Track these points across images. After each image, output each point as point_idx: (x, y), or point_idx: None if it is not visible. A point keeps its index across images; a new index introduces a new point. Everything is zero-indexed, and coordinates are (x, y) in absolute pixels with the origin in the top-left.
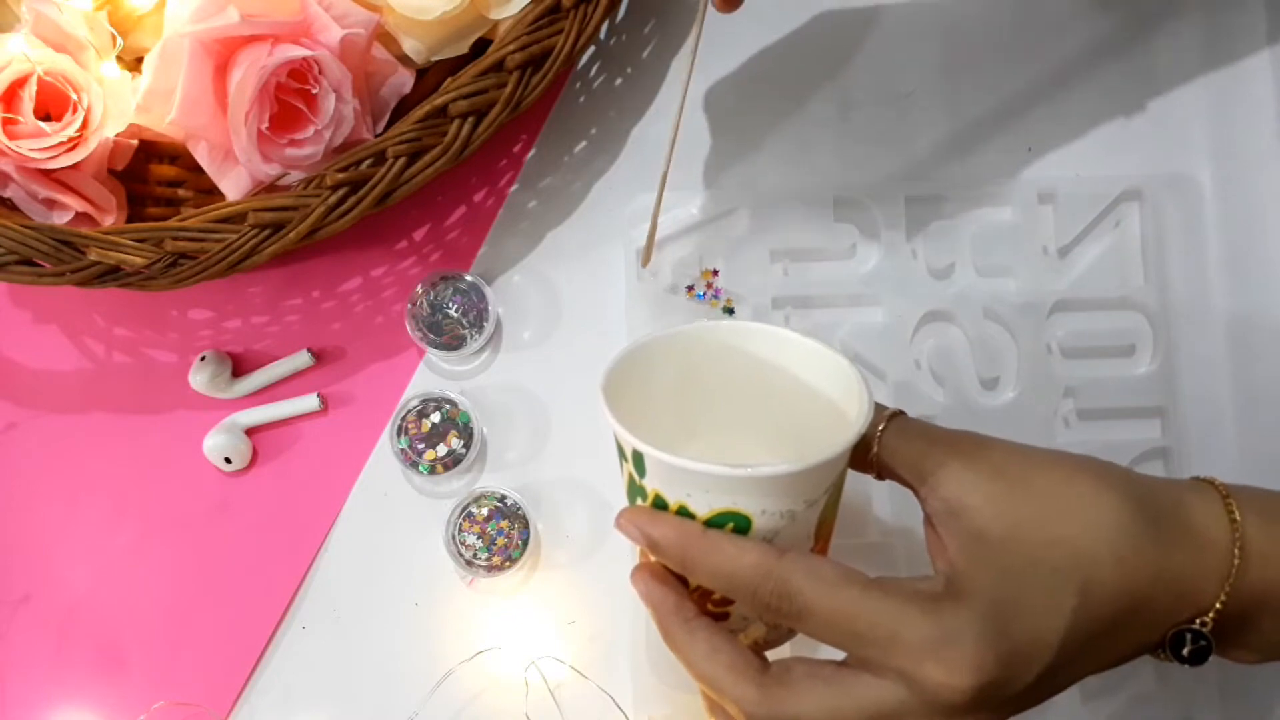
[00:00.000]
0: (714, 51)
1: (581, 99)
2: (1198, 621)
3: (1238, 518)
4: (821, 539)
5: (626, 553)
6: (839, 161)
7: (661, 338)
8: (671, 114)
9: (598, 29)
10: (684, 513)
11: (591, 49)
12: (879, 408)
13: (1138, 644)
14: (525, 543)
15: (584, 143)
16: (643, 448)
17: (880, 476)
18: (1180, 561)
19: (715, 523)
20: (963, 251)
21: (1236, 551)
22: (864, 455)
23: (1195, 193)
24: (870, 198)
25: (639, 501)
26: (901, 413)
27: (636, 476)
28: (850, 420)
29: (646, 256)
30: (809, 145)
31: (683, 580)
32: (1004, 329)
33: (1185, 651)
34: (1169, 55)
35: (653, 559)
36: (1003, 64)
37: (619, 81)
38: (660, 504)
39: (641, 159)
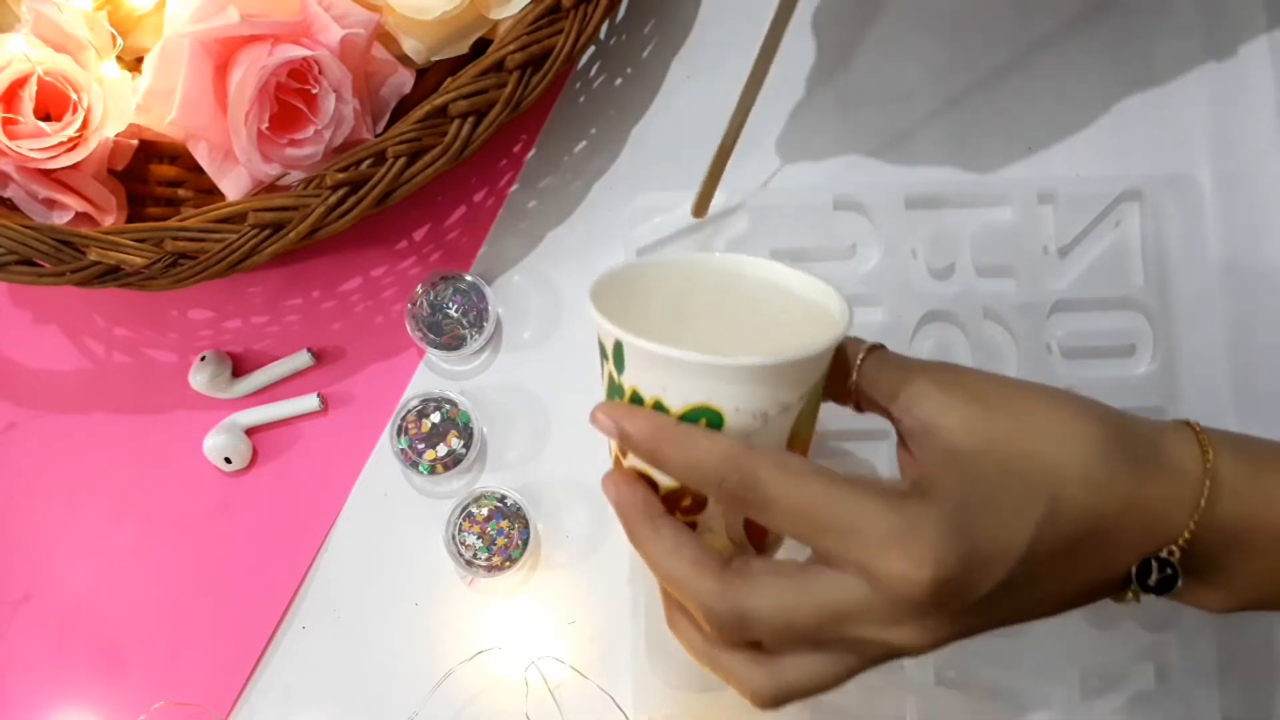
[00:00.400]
0: (713, 52)
1: (581, 99)
2: (1165, 550)
3: (1210, 453)
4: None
5: (626, 553)
6: (839, 161)
7: (653, 262)
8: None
9: (598, 29)
10: (659, 408)
11: (591, 49)
12: (859, 341)
13: (1103, 575)
14: (525, 543)
15: (584, 143)
16: (624, 336)
17: (859, 408)
18: (1151, 492)
19: (689, 418)
20: (963, 251)
21: (1207, 482)
22: (843, 385)
23: (1195, 193)
24: (870, 198)
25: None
26: (882, 345)
27: (615, 374)
28: (831, 323)
29: (702, 207)
30: (809, 145)
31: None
32: (1004, 329)
33: (1151, 580)
34: (1169, 55)
35: (625, 465)
36: (1003, 64)
37: (619, 81)
38: (637, 400)
39: (642, 159)
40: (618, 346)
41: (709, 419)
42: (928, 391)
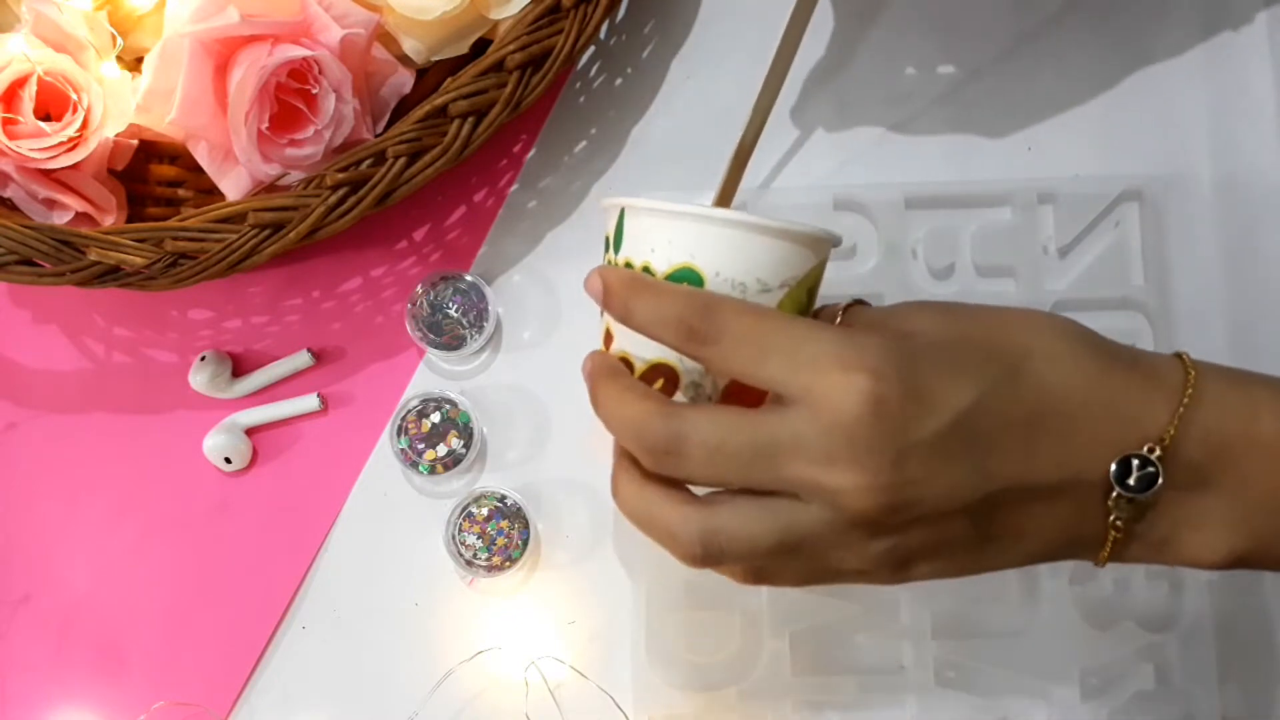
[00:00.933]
0: (713, 52)
1: (581, 99)
2: (1145, 447)
3: (1192, 367)
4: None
5: (626, 553)
6: (839, 161)
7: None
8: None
9: (598, 29)
10: (647, 273)
11: (591, 49)
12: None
13: (1072, 464)
14: (525, 543)
15: (584, 143)
16: (627, 201)
17: None
18: (1125, 384)
19: (672, 279)
20: (963, 251)
21: (1189, 388)
22: None
23: (1195, 193)
24: (870, 198)
25: None
26: (866, 301)
27: (613, 255)
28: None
29: (724, 204)
30: (809, 145)
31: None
32: None
33: (1131, 479)
34: (1169, 55)
35: (609, 351)
36: (1003, 64)
37: (619, 81)
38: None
39: (641, 159)
40: (620, 219)
41: (690, 281)
42: (906, 312)
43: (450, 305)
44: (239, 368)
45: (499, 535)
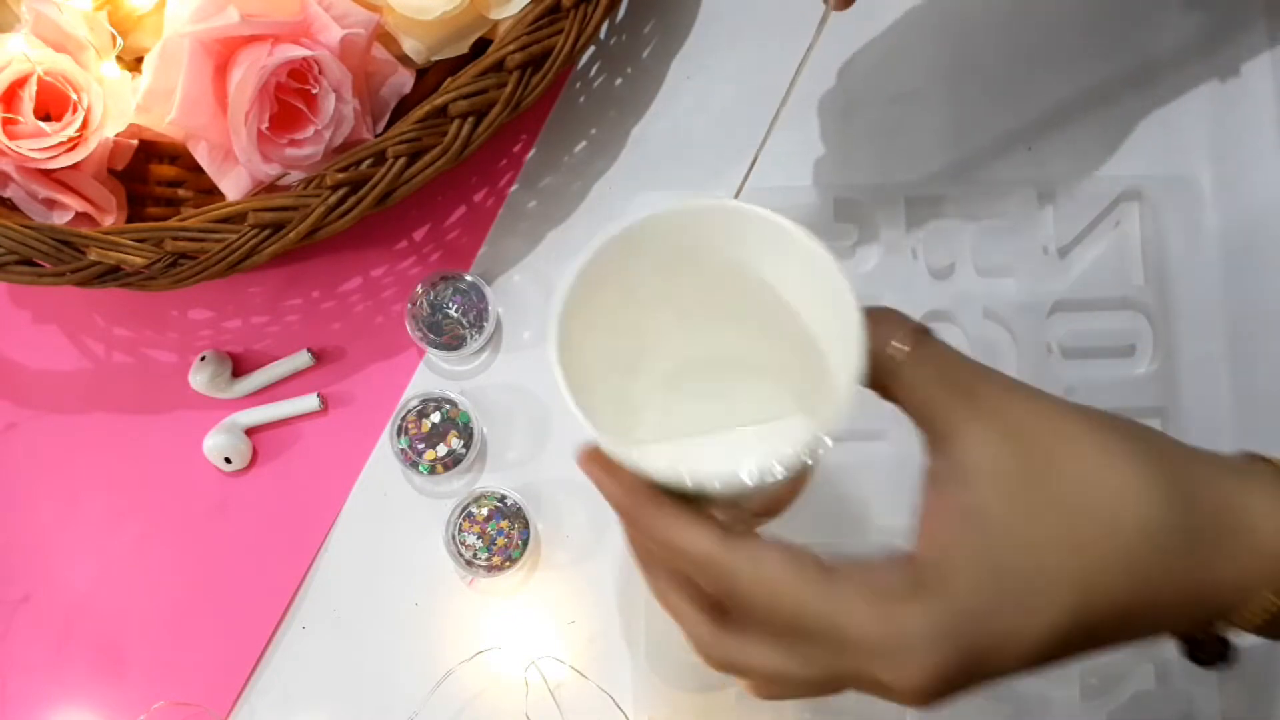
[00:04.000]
0: (713, 52)
1: (581, 99)
2: (1236, 618)
3: None
4: (789, 490)
5: (626, 553)
6: (839, 161)
7: (641, 225)
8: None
9: (598, 29)
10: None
11: (591, 49)
12: (893, 320)
13: (1140, 640)
14: (525, 543)
15: (584, 143)
16: (602, 440)
17: (888, 398)
18: (1214, 574)
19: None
20: (963, 251)
21: None
22: (878, 378)
23: (1195, 193)
24: (870, 198)
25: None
26: (927, 332)
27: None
28: (825, 411)
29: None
30: (809, 145)
31: None
32: (1004, 329)
33: (1203, 654)
34: (1169, 55)
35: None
36: (1003, 64)
37: (619, 81)
38: None
39: (641, 159)
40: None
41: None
42: (968, 431)
43: (450, 305)
44: (239, 368)
45: (499, 535)
